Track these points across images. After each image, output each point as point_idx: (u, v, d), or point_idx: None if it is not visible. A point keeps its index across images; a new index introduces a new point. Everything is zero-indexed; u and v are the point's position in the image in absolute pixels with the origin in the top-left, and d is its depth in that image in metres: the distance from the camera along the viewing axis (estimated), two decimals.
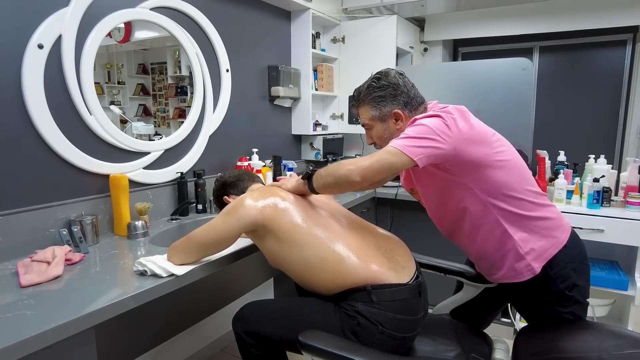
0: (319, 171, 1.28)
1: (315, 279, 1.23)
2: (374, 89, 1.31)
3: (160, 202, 1.88)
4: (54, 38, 1.44)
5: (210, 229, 1.24)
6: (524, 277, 1.26)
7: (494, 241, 1.27)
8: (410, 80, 1.36)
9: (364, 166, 1.16)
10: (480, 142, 1.19)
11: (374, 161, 1.16)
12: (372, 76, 1.35)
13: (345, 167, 1.19)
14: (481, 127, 1.24)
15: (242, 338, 1.31)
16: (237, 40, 2.27)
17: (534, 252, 1.24)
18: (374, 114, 1.33)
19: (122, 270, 1.27)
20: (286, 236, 1.23)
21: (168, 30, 1.85)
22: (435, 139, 1.14)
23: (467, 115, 1.23)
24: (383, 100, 1.31)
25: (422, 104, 1.34)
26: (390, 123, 1.32)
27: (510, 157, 1.24)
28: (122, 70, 1.77)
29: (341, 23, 2.94)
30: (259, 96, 2.49)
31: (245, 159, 2.28)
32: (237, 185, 1.53)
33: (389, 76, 1.32)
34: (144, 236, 1.61)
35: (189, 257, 1.26)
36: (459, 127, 1.17)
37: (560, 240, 1.27)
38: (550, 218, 1.28)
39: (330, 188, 1.26)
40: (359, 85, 1.38)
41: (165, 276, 1.20)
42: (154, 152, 1.85)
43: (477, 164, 1.18)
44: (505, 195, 1.22)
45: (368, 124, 1.36)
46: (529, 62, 2.42)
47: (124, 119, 1.77)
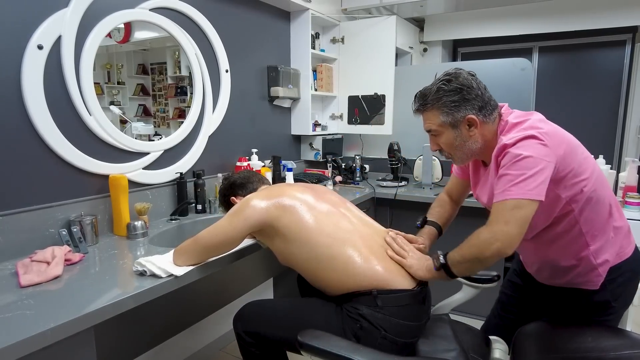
0: (454, 259, 1.16)
1: (324, 277, 1.23)
2: (445, 93, 1.17)
3: (159, 202, 1.88)
4: (53, 39, 1.44)
5: (217, 230, 1.24)
6: (590, 287, 1.21)
7: (571, 250, 1.20)
8: (482, 82, 1.22)
9: (511, 236, 1.05)
10: (572, 150, 1.12)
11: (517, 226, 1.05)
12: (440, 78, 1.20)
13: (492, 248, 1.07)
14: (567, 135, 1.16)
15: (243, 338, 1.32)
16: (237, 40, 2.27)
17: (607, 263, 1.19)
18: (444, 120, 1.18)
19: (122, 270, 1.27)
20: (294, 235, 1.23)
21: (167, 31, 1.85)
22: (545, 167, 1.06)
23: (549, 123, 1.15)
24: (456, 105, 1.16)
25: (496, 108, 1.21)
26: (462, 129, 1.18)
27: (593, 161, 1.18)
28: (121, 71, 1.77)
29: (340, 23, 2.94)
30: (259, 96, 2.50)
31: (245, 159, 2.28)
32: (246, 186, 1.52)
33: (460, 77, 1.17)
34: (143, 236, 1.61)
35: (196, 258, 1.26)
36: (555, 143, 1.09)
37: (627, 252, 1.22)
38: (624, 227, 1.22)
39: (474, 270, 1.22)
40: (425, 87, 1.23)
41: (165, 276, 1.20)
42: (154, 153, 1.85)
43: (573, 173, 1.12)
44: (595, 204, 1.15)
45: (436, 130, 1.22)
46: (528, 62, 2.42)
47: (124, 119, 1.78)
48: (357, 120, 2.95)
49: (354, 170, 2.83)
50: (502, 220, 1.07)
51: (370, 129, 2.94)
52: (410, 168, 2.76)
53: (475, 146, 1.20)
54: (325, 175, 2.75)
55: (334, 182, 2.69)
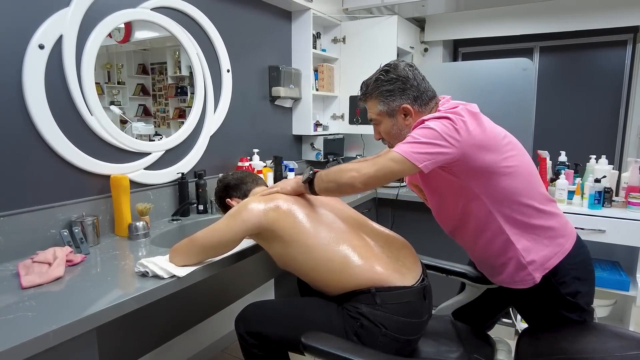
0: (320, 174, 1.25)
1: (322, 279, 1.23)
2: (382, 83, 1.24)
3: (161, 202, 1.87)
4: (54, 38, 1.44)
5: (213, 231, 1.24)
6: (524, 285, 1.25)
7: (496, 247, 1.25)
8: (421, 73, 1.28)
9: (367, 174, 1.15)
10: (489, 148, 1.14)
11: (378, 169, 1.14)
12: (380, 68, 1.28)
13: (348, 174, 1.17)
14: (493, 130, 1.19)
15: (245, 339, 1.31)
16: (238, 40, 2.27)
17: (535, 262, 1.22)
18: (381, 109, 1.26)
19: (123, 271, 1.27)
20: (291, 238, 1.23)
21: (169, 31, 1.85)
22: (443, 144, 1.10)
23: (479, 118, 1.17)
24: (391, 95, 1.24)
25: (434, 98, 1.27)
26: (399, 118, 1.26)
27: (519, 162, 1.20)
28: (122, 71, 1.77)
29: (342, 23, 2.93)
30: (260, 96, 2.49)
31: (246, 159, 2.28)
32: (240, 187, 1.51)
33: (398, 69, 1.24)
34: (144, 237, 1.61)
35: (191, 259, 1.25)
36: (469, 130, 1.12)
37: (564, 249, 1.24)
38: (555, 227, 1.24)
39: (331, 192, 1.25)
40: (367, 78, 1.30)
41: (167, 277, 1.19)
42: (155, 153, 1.85)
43: (484, 170, 1.15)
44: (512, 201, 1.19)
45: (376, 119, 1.30)
46: (529, 62, 2.42)
47: (124, 119, 1.77)
48: (358, 120, 2.95)
49: None
50: (372, 161, 1.16)
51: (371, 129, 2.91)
52: None
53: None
54: None
55: None
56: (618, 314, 2.29)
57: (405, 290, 1.18)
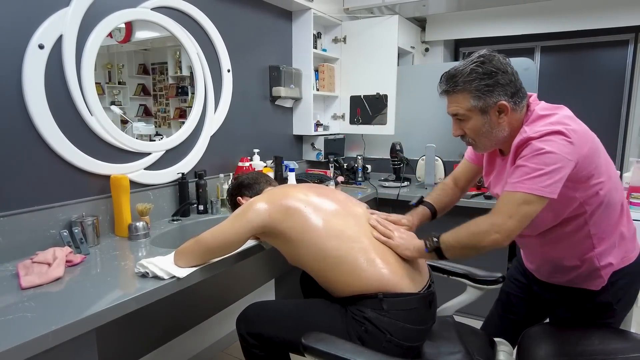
0: (447, 243, 1.14)
1: (331, 279, 1.22)
2: (479, 75, 1.10)
3: (161, 203, 1.87)
4: (54, 38, 1.43)
5: (219, 232, 1.23)
6: (590, 287, 1.21)
7: (575, 250, 1.19)
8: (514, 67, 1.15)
9: (510, 230, 1.05)
10: (594, 152, 1.09)
11: (518, 221, 1.04)
12: (472, 59, 1.13)
13: (490, 238, 1.06)
14: (592, 135, 1.12)
15: (246, 339, 1.31)
16: (239, 40, 2.26)
17: (611, 266, 1.18)
18: (474, 104, 1.12)
19: (123, 271, 1.26)
20: (300, 237, 1.22)
21: (169, 30, 1.84)
22: (565, 166, 1.02)
23: (576, 119, 1.10)
24: (489, 90, 1.09)
25: (526, 96, 1.16)
26: (492, 116, 1.12)
27: (612, 164, 1.15)
28: (122, 71, 1.76)
29: (342, 23, 2.93)
30: (260, 96, 2.49)
31: (247, 159, 2.27)
32: (253, 187, 1.52)
33: (494, 60, 1.11)
34: (145, 237, 1.60)
35: (197, 260, 1.25)
36: (581, 141, 1.05)
37: (631, 256, 1.21)
38: (631, 230, 1.21)
39: (468, 257, 1.15)
40: (454, 67, 1.16)
41: (167, 278, 1.19)
42: (155, 153, 1.84)
43: (591, 176, 1.09)
44: (607, 207, 1.13)
45: (464, 115, 1.15)
46: (531, 62, 2.41)
47: (125, 119, 1.77)
48: (359, 120, 2.94)
49: (356, 171, 2.82)
50: (505, 213, 1.06)
51: (372, 129, 2.93)
52: (413, 168, 2.75)
53: (501, 134, 1.15)
54: (327, 175, 2.74)
55: (336, 183, 2.68)
56: None
57: (412, 297, 1.17)
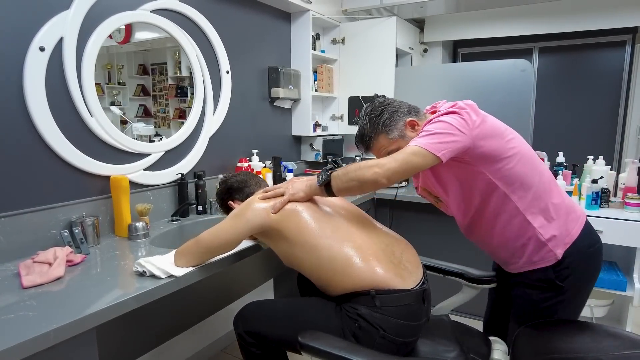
0: (337, 175, 1.25)
1: (325, 278, 1.24)
2: (377, 118, 1.32)
3: (160, 203, 1.89)
4: (55, 40, 1.45)
5: (218, 232, 1.25)
6: (546, 264, 1.27)
7: (514, 229, 1.28)
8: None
9: (391, 169, 1.18)
10: (493, 134, 1.22)
11: (400, 164, 1.18)
12: (362, 115, 1.37)
13: (370, 170, 1.19)
14: (492, 119, 1.27)
15: (243, 338, 1.32)
16: (237, 41, 2.28)
17: (556, 238, 1.25)
18: (392, 137, 1.32)
19: (123, 271, 1.28)
20: (296, 238, 1.24)
21: (169, 32, 1.86)
22: (456, 134, 1.17)
23: (477, 110, 1.26)
24: (392, 120, 1.32)
25: (420, 109, 1.37)
26: (409, 133, 1.31)
27: (519, 145, 1.27)
28: (122, 71, 1.77)
29: (341, 24, 2.94)
30: (259, 97, 2.50)
31: (246, 160, 2.29)
32: (243, 190, 1.51)
33: (376, 103, 1.35)
34: (144, 237, 1.62)
35: (197, 260, 1.27)
36: (474, 120, 1.20)
37: (580, 223, 1.29)
38: (567, 204, 1.29)
39: (352, 191, 1.26)
40: (357, 132, 1.39)
41: (164, 277, 1.21)
42: (155, 154, 1.86)
43: (493, 154, 1.21)
44: (522, 182, 1.24)
45: (392, 150, 1.30)
46: (528, 63, 2.43)
47: (125, 119, 1.78)
48: (357, 121, 2.95)
49: None
50: (393, 157, 1.20)
51: None
52: None
53: None
54: None
55: None
56: (615, 314, 2.30)
57: (405, 293, 1.18)
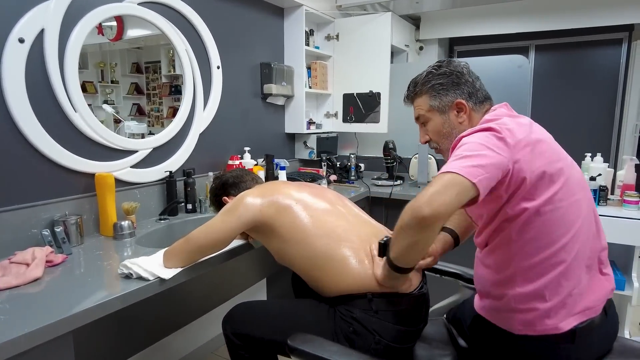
0: (392, 238, 1.04)
1: (319, 278, 1.20)
2: (435, 76, 1.15)
3: (148, 201, 1.83)
4: (35, 32, 1.39)
5: (210, 229, 1.20)
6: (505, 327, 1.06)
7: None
8: (475, 73, 1.17)
9: (442, 201, 0.88)
10: (536, 164, 0.96)
11: (450, 196, 0.89)
12: (431, 64, 1.19)
13: (407, 209, 0.93)
14: (546, 148, 1.00)
15: (232, 340, 1.28)
16: (229, 36, 2.23)
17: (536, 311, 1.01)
18: (432, 104, 1.14)
19: (106, 271, 1.23)
20: (289, 235, 1.20)
21: (156, 26, 1.81)
22: (490, 155, 0.93)
23: (528, 129, 1.00)
24: (444, 89, 1.13)
25: (488, 100, 1.15)
26: (451, 115, 1.13)
27: (576, 195, 1.00)
28: (115, 69, 1.74)
29: (335, 20, 2.90)
30: (251, 94, 2.45)
31: (237, 157, 2.24)
32: (239, 186, 1.48)
33: (452, 64, 1.16)
34: (130, 236, 1.57)
35: (188, 259, 1.22)
36: (515, 141, 0.96)
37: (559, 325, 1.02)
38: (577, 288, 1.02)
39: (407, 249, 0.98)
40: (416, 76, 1.21)
41: (152, 279, 1.15)
42: (142, 151, 1.80)
43: (522, 189, 0.97)
44: (537, 229, 0.98)
45: (424, 116, 1.17)
46: (524, 59, 2.39)
47: (118, 118, 1.74)
48: (352, 119, 2.92)
49: (349, 169, 2.79)
50: (433, 187, 0.91)
51: (365, 127, 2.90)
52: (406, 167, 2.73)
53: None
54: (319, 174, 2.71)
55: (329, 181, 2.65)
56: None
57: (402, 297, 1.13)
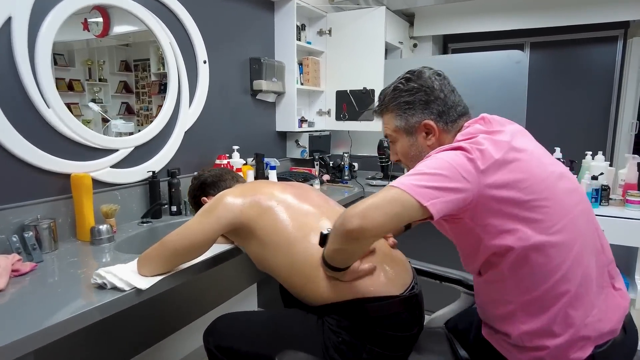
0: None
1: (303, 286, 1.11)
2: (401, 92, 1.04)
3: (129, 203, 1.73)
4: (1, 21, 1.28)
5: (186, 232, 1.11)
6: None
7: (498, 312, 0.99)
8: (451, 84, 1.06)
9: (374, 220, 0.82)
10: (522, 187, 0.87)
11: (384, 215, 0.83)
12: (401, 76, 1.08)
13: (342, 215, 0.88)
14: (530, 169, 0.89)
15: (214, 354, 1.18)
16: (216, 30, 2.13)
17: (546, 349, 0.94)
18: (398, 125, 1.06)
19: (79, 281, 1.12)
20: (270, 238, 1.12)
21: (138, 17, 1.70)
22: (452, 177, 0.85)
23: (505, 146, 0.89)
24: (411, 108, 1.03)
25: (464, 115, 1.04)
26: (419, 137, 1.04)
27: (569, 210, 0.90)
28: (103, 67, 1.69)
29: (327, 15, 2.81)
30: (240, 90, 2.35)
31: (225, 156, 2.13)
32: (218, 185, 1.42)
33: (422, 77, 1.04)
34: (109, 241, 1.46)
35: (164, 266, 1.12)
36: (488, 163, 0.86)
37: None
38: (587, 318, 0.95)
39: (335, 253, 0.96)
40: (387, 86, 1.11)
41: (128, 290, 1.05)
42: (123, 149, 1.70)
43: (501, 218, 0.87)
44: (530, 265, 0.90)
45: (391, 136, 1.10)
46: (523, 54, 2.32)
47: (105, 117, 1.66)
48: (345, 116, 2.83)
49: (342, 169, 2.71)
50: (374, 199, 0.85)
51: (359, 126, 2.82)
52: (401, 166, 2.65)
53: None
54: (312, 174, 2.63)
55: (321, 181, 2.56)
56: None
57: (392, 300, 1.06)
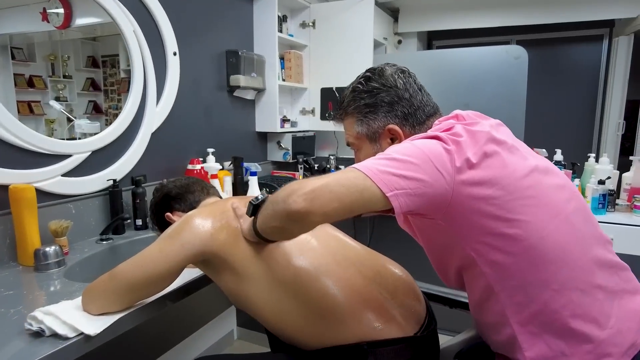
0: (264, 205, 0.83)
1: (292, 327, 0.90)
2: (361, 94, 0.92)
3: (86, 218, 1.48)
4: None
5: (143, 261, 0.88)
6: None
7: (500, 338, 0.85)
8: (418, 81, 0.94)
9: (325, 201, 0.69)
10: (502, 181, 0.77)
11: (336, 198, 0.70)
12: (361, 74, 0.95)
13: (287, 188, 0.74)
14: (511, 161, 0.79)
15: None
16: (189, 18, 1.90)
17: None
18: (359, 131, 0.92)
19: (10, 325, 0.88)
20: (247, 269, 0.90)
21: (96, 1, 1.46)
22: (424, 167, 0.73)
23: (484, 138, 0.78)
24: (372, 111, 0.90)
25: (434, 115, 0.92)
26: (383, 144, 0.91)
27: (554, 215, 0.78)
28: (68, 63, 1.56)
29: (311, 5, 2.61)
30: (215, 86, 2.12)
31: (199, 161, 1.90)
32: (185, 198, 1.19)
33: (384, 75, 0.92)
34: (58, 266, 1.22)
35: (114, 303, 0.90)
36: (462, 153, 0.76)
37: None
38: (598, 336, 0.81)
39: (271, 229, 0.81)
40: (346, 87, 0.97)
41: (73, 336, 0.83)
42: (77, 155, 1.45)
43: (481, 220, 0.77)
44: (524, 282, 0.78)
45: (353, 144, 0.96)
46: (523, 50, 2.19)
47: (69, 116, 1.51)
48: (331, 116, 2.65)
49: (328, 172, 2.52)
50: (328, 179, 0.72)
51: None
52: None
53: None
54: (295, 178, 2.42)
55: None
56: None
57: (407, 342, 0.88)
